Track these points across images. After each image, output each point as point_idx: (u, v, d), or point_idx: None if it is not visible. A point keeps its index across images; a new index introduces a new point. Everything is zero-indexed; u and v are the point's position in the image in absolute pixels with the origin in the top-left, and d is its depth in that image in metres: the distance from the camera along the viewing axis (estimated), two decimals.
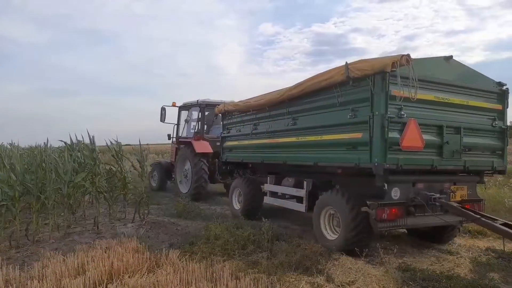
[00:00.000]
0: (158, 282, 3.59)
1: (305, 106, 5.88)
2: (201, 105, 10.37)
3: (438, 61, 5.00)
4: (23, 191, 5.72)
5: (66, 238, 5.94)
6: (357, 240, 4.83)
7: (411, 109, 4.56)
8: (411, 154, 4.60)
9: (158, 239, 5.94)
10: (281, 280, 3.94)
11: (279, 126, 6.52)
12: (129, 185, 7.79)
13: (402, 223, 4.81)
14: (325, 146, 5.43)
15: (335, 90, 5.08)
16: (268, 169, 7.36)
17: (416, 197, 4.77)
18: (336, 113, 5.17)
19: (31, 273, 3.99)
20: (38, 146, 10.67)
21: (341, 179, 5.56)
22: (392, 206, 4.62)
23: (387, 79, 4.35)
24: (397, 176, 4.61)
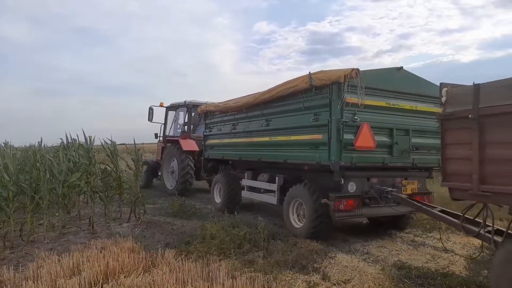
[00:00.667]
0: (154, 282, 3.57)
1: (276, 109, 6.54)
2: (188, 106, 10.91)
3: (391, 71, 5.69)
4: (17, 191, 5.67)
5: (61, 238, 5.90)
6: (319, 228, 5.50)
7: (365, 114, 5.22)
8: (364, 153, 5.27)
9: (153, 239, 5.92)
10: (277, 279, 3.95)
11: (254, 126, 7.15)
12: (124, 185, 7.76)
13: (358, 213, 5.51)
14: (292, 146, 6.09)
15: (300, 96, 5.73)
16: (246, 166, 7.94)
17: (370, 190, 5.45)
18: (301, 117, 5.83)
19: (26, 274, 3.96)
20: (32, 146, 10.59)
21: (308, 174, 6.13)
22: (348, 198, 5.30)
23: (342, 89, 4.99)
24: (353, 172, 5.32)
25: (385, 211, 5.68)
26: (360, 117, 5.18)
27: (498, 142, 3.15)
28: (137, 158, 7.68)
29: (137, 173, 7.61)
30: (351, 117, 5.12)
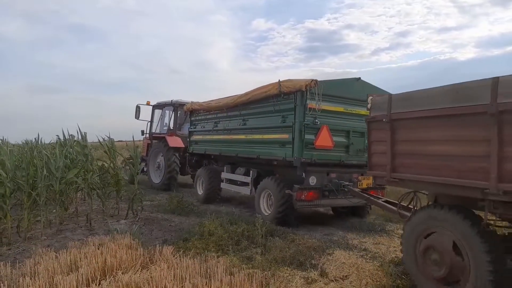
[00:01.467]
0: (152, 278, 3.56)
1: (251, 111, 7.34)
2: (175, 105, 11.47)
3: (351, 81, 6.44)
4: (14, 187, 5.64)
5: (58, 235, 5.89)
6: (284, 214, 6.33)
7: (325, 118, 6.09)
8: (323, 151, 6.13)
9: (151, 236, 5.91)
10: (275, 275, 3.95)
11: (233, 125, 7.98)
12: (122, 181, 7.74)
13: (317, 203, 6.40)
14: (264, 143, 6.87)
15: (271, 100, 6.54)
16: (226, 160, 8.73)
17: (329, 183, 6.32)
18: (272, 118, 6.62)
19: (23, 270, 3.94)
20: (29, 142, 10.54)
21: (277, 169, 6.98)
22: (309, 190, 6.13)
23: (305, 96, 5.81)
24: (314, 167, 6.14)
25: (342, 202, 6.58)
26: (320, 121, 6.02)
27: (402, 140, 4.00)
28: (136, 155, 7.65)
29: (135, 169, 7.57)
30: (312, 120, 5.97)
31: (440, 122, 3.59)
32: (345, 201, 6.45)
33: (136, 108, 11.92)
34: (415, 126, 3.86)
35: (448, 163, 3.51)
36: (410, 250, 3.89)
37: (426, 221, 3.74)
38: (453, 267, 3.42)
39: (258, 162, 7.41)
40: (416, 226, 3.85)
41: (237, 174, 8.16)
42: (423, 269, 3.72)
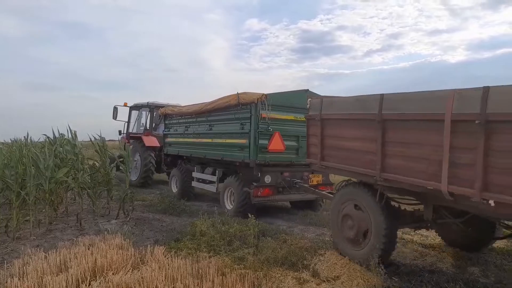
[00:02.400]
0: (143, 279, 3.54)
1: (216, 118, 8.16)
2: (151, 106, 12.07)
3: (299, 92, 7.15)
4: (2, 186, 5.56)
5: (48, 235, 5.81)
6: (243, 209, 7.03)
7: (278, 125, 7.01)
8: (276, 154, 7.03)
9: (143, 236, 5.87)
10: (267, 275, 3.95)
11: (201, 130, 8.80)
12: (113, 181, 7.67)
13: (273, 199, 7.28)
14: (227, 147, 7.67)
15: (232, 109, 7.39)
16: (197, 161, 9.43)
17: (282, 181, 7.18)
18: (233, 125, 7.46)
19: (11, 271, 3.88)
20: (18, 141, 10.39)
21: (240, 169, 7.64)
22: (264, 187, 6.98)
23: (258, 107, 6.70)
24: (268, 168, 7.03)
25: (294, 197, 7.60)
26: (273, 127, 6.92)
27: (328, 135, 5.03)
28: (127, 154, 7.59)
29: (126, 169, 7.51)
30: (266, 127, 6.85)
31: (349, 124, 4.69)
32: (298, 196, 7.48)
33: (113, 109, 12.33)
34: (335, 125, 4.95)
35: (354, 155, 4.61)
36: (334, 221, 4.99)
37: (344, 197, 4.88)
38: (358, 229, 4.55)
39: (223, 163, 8.11)
40: (337, 201, 4.99)
41: (205, 173, 8.87)
42: (342, 233, 4.83)
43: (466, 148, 3.26)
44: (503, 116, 2.95)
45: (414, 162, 3.79)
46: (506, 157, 2.96)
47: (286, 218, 7.44)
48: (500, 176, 3.02)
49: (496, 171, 3.04)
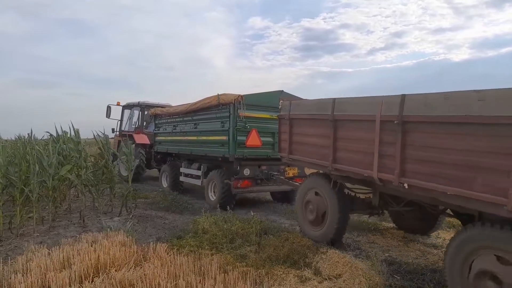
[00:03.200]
0: (145, 276, 3.55)
1: (200, 117, 8.87)
2: (142, 106, 12.67)
3: (275, 93, 7.87)
4: (6, 183, 5.58)
5: (51, 232, 5.84)
6: (224, 200, 7.72)
7: (255, 123, 7.71)
8: (254, 149, 7.74)
9: (145, 233, 5.89)
10: (269, 273, 3.96)
11: (188, 128, 9.46)
12: (115, 178, 7.69)
13: (251, 190, 8.06)
14: (210, 143, 8.36)
15: (213, 109, 8.13)
16: (184, 157, 10.03)
17: (260, 174, 7.93)
18: (215, 123, 8.14)
19: (15, 267, 3.90)
20: (21, 138, 10.44)
21: (223, 164, 8.19)
22: (244, 179, 7.72)
23: (236, 107, 7.41)
24: (247, 162, 7.73)
25: (272, 189, 8.43)
26: (250, 125, 7.60)
27: (295, 133, 5.87)
28: (130, 151, 7.61)
29: (129, 166, 7.53)
30: (243, 125, 7.53)
31: (311, 123, 5.49)
32: (275, 187, 8.25)
33: (107, 108, 12.92)
34: (300, 124, 5.77)
35: (314, 149, 5.44)
36: (299, 207, 5.80)
37: (307, 185, 5.77)
38: (318, 213, 5.36)
39: (208, 159, 8.76)
40: (302, 189, 5.84)
41: (192, 169, 9.50)
42: (304, 216, 5.69)
43: (389, 142, 4.05)
44: (414, 117, 3.74)
45: (355, 154, 4.63)
46: (416, 150, 3.76)
47: (288, 216, 7.44)
48: (412, 165, 3.82)
49: (409, 161, 3.83)
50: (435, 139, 3.55)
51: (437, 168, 3.52)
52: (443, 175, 3.45)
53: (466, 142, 3.24)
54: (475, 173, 3.16)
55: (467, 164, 3.23)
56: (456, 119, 3.31)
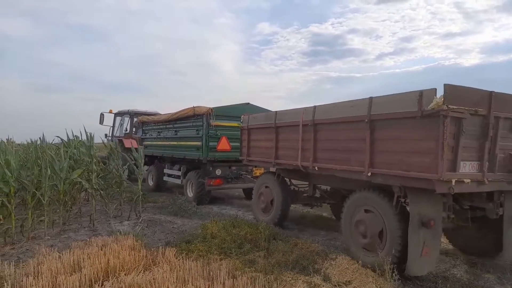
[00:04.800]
0: (154, 280, 3.56)
1: (180, 125, 10.22)
2: (131, 113, 13.77)
3: (242, 105, 9.37)
4: (18, 187, 5.66)
5: (62, 235, 5.90)
6: (199, 195, 9.08)
7: (225, 131, 9.03)
8: (224, 153, 9.05)
9: (154, 237, 5.91)
10: (278, 279, 3.94)
11: (170, 134, 10.76)
12: (125, 183, 7.75)
13: (223, 187, 9.32)
14: (188, 148, 9.70)
15: (190, 119, 9.57)
16: (167, 160, 11.26)
17: (230, 173, 9.26)
18: (191, 131, 9.51)
19: (26, 270, 3.95)
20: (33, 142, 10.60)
21: (197, 165, 9.49)
22: (216, 178, 9.02)
23: (208, 117, 8.82)
24: (219, 163, 9.09)
25: (241, 186, 9.69)
26: (221, 132, 8.97)
27: (252, 139, 7.41)
28: (139, 155, 7.65)
29: (139, 171, 7.58)
30: (214, 133, 8.89)
31: (261, 131, 7.09)
32: (243, 185, 9.52)
33: (100, 115, 13.90)
34: (255, 132, 7.39)
35: (263, 151, 7.02)
36: (254, 198, 7.42)
37: (260, 181, 7.40)
38: (267, 203, 6.95)
39: (186, 161, 10.00)
40: (257, 185, 7.50)
41: (173, 169, 10.72)
42: (258, 205, 7.26)
43: (307, 139, 5.66)
44: (319, 120, 5.43)
45: (288, 151, 6.23)
46: (321, 142, 5.42)
47: (297, 222, 7.40)
48: (319, 153, 5.47)
49: (318, 150, 5.48)
50: (330, 133, 5.28)
51: (332, 153, 5.25)
52: (335, 157, 5.18)
53: (345, 134, 4.98)
54: (350, 154, 4.87)
55: (346, 149, 4.96)
56: (339, 120, 5.07)
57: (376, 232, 4.48)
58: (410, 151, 4.03)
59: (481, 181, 4.01)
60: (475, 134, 3.95)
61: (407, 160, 4.06)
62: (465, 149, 3.84)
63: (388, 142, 4.33)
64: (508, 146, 4.22)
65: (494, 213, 4.50)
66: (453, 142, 3.75)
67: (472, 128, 3.87)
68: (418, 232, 4.03)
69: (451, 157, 3.76)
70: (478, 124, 3.94)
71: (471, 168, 3.96)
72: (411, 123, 3.99)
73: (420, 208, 4.08)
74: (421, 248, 4.03)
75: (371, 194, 4.66)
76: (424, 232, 4.04)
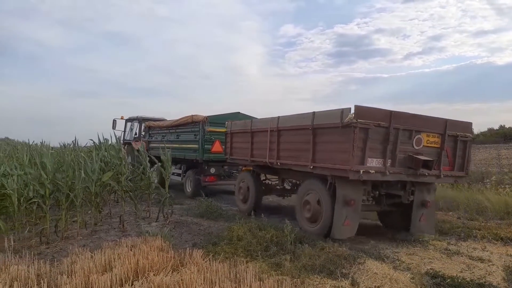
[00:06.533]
0: (182, 281, 3.60)
1: (180, 130, 11.88)
2: (140, 119, 15.14)
3: (233, 114, 10.73)
4: (53, 189, 5.89)
5: (93, 236, 6.09)
6: (195, 190, 10.57)
7: (218, 136, 10.45)
8: (217, 154, 10.43)
9: (181, 239, 6.00)
10: (304, 283, 3.90)
11: (172, 138, 12.35)
12: (153, 185, 7.91)
13: (217, 183, 10.97)
14: (187, 149, 11.19)
15: (189, 125, 11.19)
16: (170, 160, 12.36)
17: (223, 172, 10.99)
18: (190, 135, 11.13)
19: (61, 269, 4.10)
20: (67, 146, 11.02)
21: (196, 164, 10.97)
22: (210, 176, 10.67)
23: (205, 124, 10.44)
24: (213, 163, 10.65)
25: (232, 182, 10.62)
26: (214, 137, 10.51)
27: (233, 141, 9.15)
28: (167, 158, 7.80)
29: (166, 173, 7.73)
30: (209, 137, 10.48)
31: (240, 135, 8.80)
32: (234, 182, 10.26)
33: (113, 121, 15.34)
34: (235, 136, 9.06)
35: (241, 151, 8.64)
36: (236, 191, 9.17)
37: (240, 177, 9.23)
38: (245, 194, 8.62)
39: (186, 161, 11.50)
40: (237, 180, 9.30)
41: (176, 169, 11.97)
42: (238, 197, 9.03)
43: (273, 142, 7.33)
44: (281, 127, 7.08)
45: (260, 150, 7.84)
46: (282, 144, 7.08)
47: None
48: (281, 152, 7.12)
49: (280, 150, 7.13)
50: (288, 137, 6.93)
51: (289, 152, 6.87)
52: (291, 155, 6.81)
53: (297, 138, 6.58)
54: (300, 153, 6.47)
55: (298, 149, 6.55)
56: (294, 127, 6.70)
57: (316, 208, 6.16)
58: (335, 151, 5.63)
59: (383, 173, 5.52)
60: (380, 139, 5.47)
61: (334, 156, 5.66)
62: (372, 150, 5.39)
63: (323, 144, 5.96)
64: (408, 149, 5.76)
65: (406, 199, 6.21)
66: (362, 144, 5.28)
67: (377, 136, 5.41)
68: (342, 208, 5.66)
69: (360, 155, 5.30)
70: (382, 133, 5.47)
71: (377, 163, 5.51)
72: (336, 131, 5.56)
73: (345, 191, 5.68)
74: (343, 220, 5.66)
75: (314, 181, 6.39)
76: (346, 209, 5.67)
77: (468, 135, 6.40)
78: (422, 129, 5.88)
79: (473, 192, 10.05)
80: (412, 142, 5.79)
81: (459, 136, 6.24)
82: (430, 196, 6.40)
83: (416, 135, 5.81)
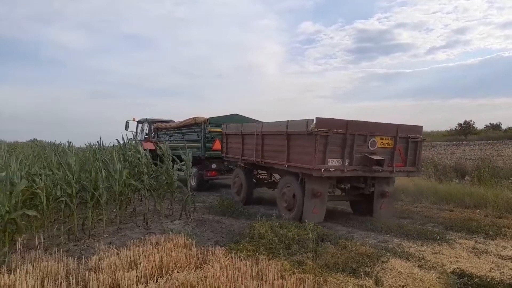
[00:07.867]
0: (205, 278, 3.65)
1: (185, 131, 13.22)
2: (149, 121, 16.18)
3: (231, 115, 12.06)
4: (79, 188, 6.08)
5: (118, 233, 6.25)
6: (199, 184, 12.04)
7: (218, 135, 11.43)
8: (217, 151, 11.48)
9: (204, 236, 6.07)
10: (327, 281, 3.86)
11: (179, 138, 13.63)
12: (175, 184, 8.04)
13: (217, 178, 12.32)
14: (192, 147, 11.15)
15: (193, 126, 12.50)
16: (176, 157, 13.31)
17: (223, 167, 12.00)
18: (193, 135, 12.48)
19: (88, 265, 4.23)
20: (92, 146, 11.33)
21: (200, 161, 11.98)
22: (212, 171, 12.00)
23: (206, 125, 11.82)
24: (215, 159, 11.88)
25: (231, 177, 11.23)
26: (215, 136, 11.77)
27: (228, 142, 10.43)
28: (187, 158, 7.90)
29: (187, 172, 7.83)
30: (210, 137, 11.84)
31: (233, 136, 9.98)
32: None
33: (126, 123, 16.28)
34: (229, 137, 10.23)
35: (234, 150, 9.90)
36: (232, 184, 10.20)
37: (234, 173, 10.20)
38: (239, 187, 9.66)
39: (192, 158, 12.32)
40: (232, 175, 10.30)
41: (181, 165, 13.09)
42: (233, 189, 10.05)
43: (259, 143, 8.40)
44: (265, 132, 8.24)
45: (249, 151, 8.94)
46: (266, 146, 8.22)
47: (345, 224, 7.25)
48: (265, 153, 8.25)
49: (264, 151, 8.26)
50: (270, 141, 8.08)
51: (271, 153, 8.01)
52: (272, 155, 7.98)
53: (276, 141, 7.75)
54: (279, 154, 7.59)
55: (277, 150, 7.68)
56: (273, 132, 7.85)
57: (291, 199, 7.34)
58: (303, 153, 6.78)
59: (342, 170, 6.70)
60: (338, 144, 6.67)
61: (302, 158, 6.81)
62: (332, 152, 6.60)
63: (294, 147, 7.13)
64: (363, 150, 6.89)
65: (368, 190, 7.35)
66: (323, 148, 6.48)
67: (336, 141, 6.62)
68: (311, 199, 6.84)
69: (322, 156, 6.50)
70: (340, 138, 6.67)
71: (336, 163, 6.70)
72: (303, 137, 6.75)
73: (312, 185, 6.84)
74: (312, 208, 6.86)
75: (289, 177, 7.61)
76: (314, 200, 6.85)
77: (418, 137, 7.51)
78: (376, 133, 6.99)
79: (502, 189, 9.69)
80: (367, 144, 6.91)
81: (410, 138, 7.36)
82: (389, 188, 7.57)
83: (371, 138, 6.92)
